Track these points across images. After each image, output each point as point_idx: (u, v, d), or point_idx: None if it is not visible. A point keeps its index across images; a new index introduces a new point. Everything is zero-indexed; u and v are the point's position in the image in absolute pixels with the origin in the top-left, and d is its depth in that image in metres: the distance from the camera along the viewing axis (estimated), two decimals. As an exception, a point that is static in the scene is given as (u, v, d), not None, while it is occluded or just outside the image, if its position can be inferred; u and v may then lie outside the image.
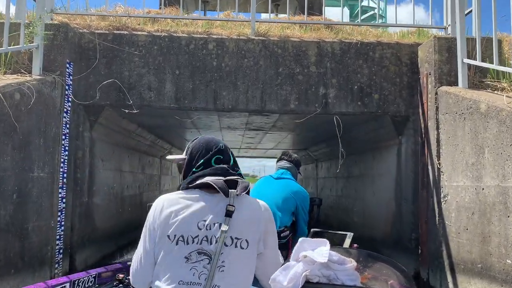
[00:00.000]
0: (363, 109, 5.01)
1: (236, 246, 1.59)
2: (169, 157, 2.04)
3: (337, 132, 4.99)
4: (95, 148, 5.29)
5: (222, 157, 1.77)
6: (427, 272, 4.52)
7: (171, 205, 1.65)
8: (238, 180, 1.67)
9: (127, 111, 4.84)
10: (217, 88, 4.90)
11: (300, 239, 1.57)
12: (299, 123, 5.97)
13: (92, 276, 2.88)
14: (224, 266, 1.56)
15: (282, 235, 3.46)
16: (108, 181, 5.92)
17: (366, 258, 1.64)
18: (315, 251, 1.39)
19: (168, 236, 1.60)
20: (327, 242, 1.45)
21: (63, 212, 4.28)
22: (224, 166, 1.73)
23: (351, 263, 1.41)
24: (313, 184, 11.21)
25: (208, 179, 1.66)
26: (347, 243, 3.64)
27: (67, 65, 4.34)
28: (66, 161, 4.32)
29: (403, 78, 5.02)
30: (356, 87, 4.99)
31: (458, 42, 4.33)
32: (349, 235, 3.68)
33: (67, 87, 4.33)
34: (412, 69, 5.00)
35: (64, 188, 4.30)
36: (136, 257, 1.73)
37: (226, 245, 1.58)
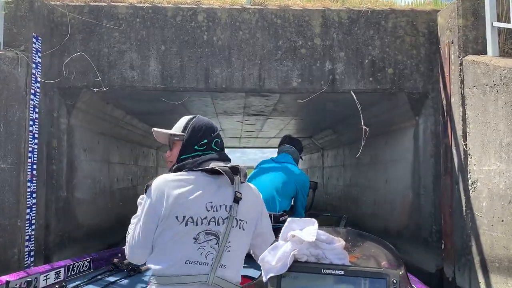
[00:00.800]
0: (375, 86, 4.41)
1: (240, 228, 1.66)
2: (156, 129, 1.95)
3: (357, 106, 4.31)
4: (75, 137, 4.73)
5: (219, 141, 1.82)
6: (453, 270, 3.94)
7: (177, 187, 1.65)
8: (239, 167, 1.72)
9: (107, 93, 4.27)
10: (208, 65, 4.31)
11: (288, 219, 1.53)
12: (302, 105, 5.37)
13: (87, 261, 2.79)
14: (230, 246, 1.62)
15: (281, 219, 3.38)
16: (93, 173, 5.37)
17: (355, 237, 1.61)
18: (303, 231, 1.37)
19: (177, 217, 1.61)
20: (315, 221, 1.42)
21: (33, 209, 3.73)
22: (224, 152, 1.80)
23: (339, 242, 1.40)
24: (319, 174, 10.62)
25: (216, 165, 1.69)
26: (341, 225, 3.63)
27: (34, 40, 3.76)
28: (35, 150, 3.76)
29: (420, 49, 4.40)
30: (367, 61, 4.38)
31: (487, 2, 3.71)
32: (344, 218, 3.69)
33: (34, 65, 3.75)
34: (430, 39, 4.38)
35: (34, 182, 3.75)
36: (134, 233, 1.70)
37: (233, 227, 1.64)
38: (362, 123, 4.41)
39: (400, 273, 1.33)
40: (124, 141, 6.86)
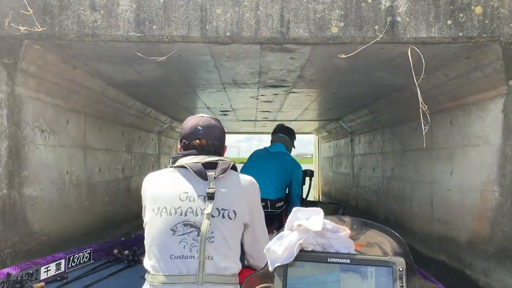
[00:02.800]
0: (455, 33, 2.95)
1: (223, 217, 1.61)
2: None
3: (413, 73, 2.94)
4: (25, 112, 3.41)
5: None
6: None
7: (155, 181, 1.69)
8: (218, 161, 1.67)
9: (64, 50, 2.91)
10: (205, 3, 2.91)
11: (294, 209, 1.39)
12: (339, 71, 3.93)
13: (87, 252, 2.71)
14: (213, 237, 1.57)
15: (277, 205, 3.43)
16: (59, 162, 4.05)
17: (360, 225, 1.55)
18: (309, 220, 1.32)
19: (153, 210, 1.62)
20: (321, 210, 1.35)
21: None
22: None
23: (345, 231, 1.37)
24: (347, 163, 9.16)
25: (186, 162, 1.67)
26: (339, 213, 3.66)
27: None
28: None
29: (525, -23, 2.90)
30: (443, -6, 2.92)
31: None
32: (341, 206, 3.75)
33: None
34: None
35: None
36: None
37: (213, 216, 1.59)
38: (420, 99, 3.01)
39: (406, 261, 1.30)
40: (111, 122, 5.53)
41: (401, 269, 1.25)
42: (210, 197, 1.59)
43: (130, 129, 6.40)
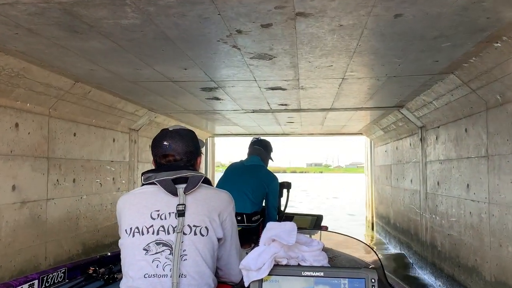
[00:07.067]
0: None
1: (195, 234, 1.56)
2: None
3: None
4: None
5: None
6: None
7: (126, 201, 1.64)
8: (188, 176, 1.62)
9: None
10: None
11: (268, 224, 1.45)
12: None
13: (62, 271, 2.51)
14: (186, 255, 1.53)
15: (253, 219, 3.34)
16: None
17: (334, 238, 1.71)
18: (282, 234, 1.38)
19: (126, 231, 1.58)
20: (294, 225, 1.39)
21: None
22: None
23: (318, 244, 1.43)
24: (415, 175, 6.10)
25: (154, 178, 1.62)
26: (317, 225, 3.78)
27: None
28: None
29: None
30: None
31: None
32: (319, 217, 3.79)
33: None
34: None
35: None
36: None
37: (185, 234, 1.55)
38: None
39: (378, 272, 1.33)
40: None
41: (373, 280, 1.28)
42: (181, 213, 1.56)
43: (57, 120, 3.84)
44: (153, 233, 1.53)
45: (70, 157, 4.55)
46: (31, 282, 2.32)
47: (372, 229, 10.44)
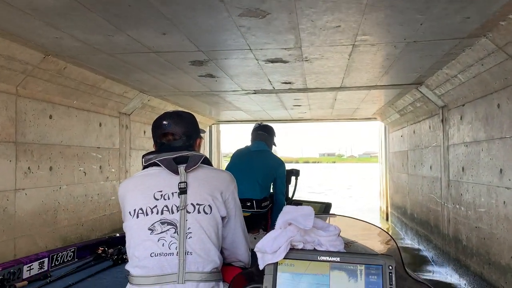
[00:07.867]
0: None
1: (199, 212, 1.57)
2: None
3: None
4: None
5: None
6: None
7: (128, 184, 1.64)
8: (189, 155, 1.64)
9: None
10: None
11: (284, 207, 1.42)
12: None
13: (71, 250, 2.62)
14: (191, 233, 1.54)
15: (262, 204, 3.32)
16: None
17: (351, 224, 1.59)
18: (299, 218, 1.36)
19: (130, 213, 1.59)
20: (312, 209, 1.36)
21: None
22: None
23: (335, 229, 1.40)
24: (435, 160, 5.49)
25: (155, 159, 1.63)
26: (327, 212, 3.64)
27: None
28: None
29: None
30: None
31: None
32: (328, 205, 3.69)
33: None
34: None
35: None
36: None
37: (189, 212, 1.56)
38: None
39: (396, 259, 1.29)
40: None
41: (390, 267, 1.25)
42: (183, 191, 1.58)
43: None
44: (157, 213, 1.54)
45: (45, 142, 4.05)
46: (41, 260, 2.40)
47: (387, 219, 9.82)
